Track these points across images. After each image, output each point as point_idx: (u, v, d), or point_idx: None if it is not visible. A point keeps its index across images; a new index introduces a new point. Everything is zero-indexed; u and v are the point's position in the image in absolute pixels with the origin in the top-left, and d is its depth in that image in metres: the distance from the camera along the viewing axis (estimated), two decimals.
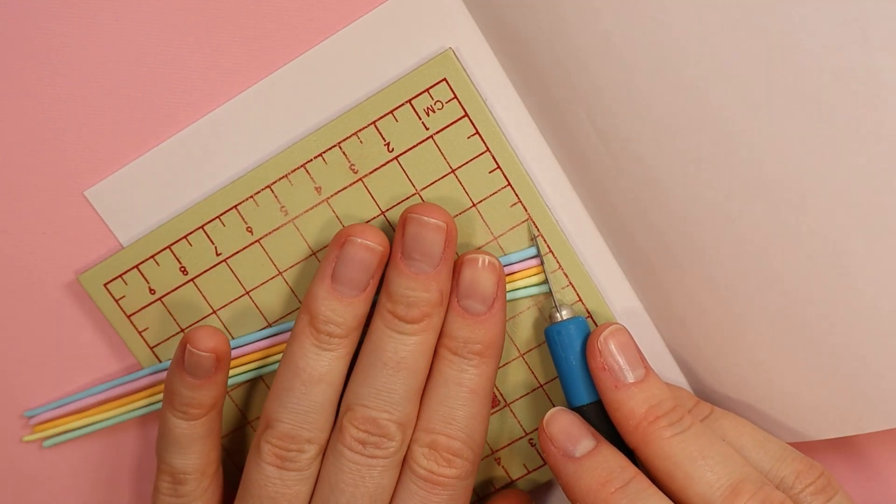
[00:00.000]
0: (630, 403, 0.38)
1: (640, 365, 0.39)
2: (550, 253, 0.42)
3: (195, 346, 0.39)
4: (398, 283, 0.39)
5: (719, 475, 0.37)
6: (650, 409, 0.38)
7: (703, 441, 0.38)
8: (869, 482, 0.45)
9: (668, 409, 0.38)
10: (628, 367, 0.39)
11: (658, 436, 0.38)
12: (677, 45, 0.35)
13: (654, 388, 0.39)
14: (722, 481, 0.37)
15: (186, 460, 0.40)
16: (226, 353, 0.40)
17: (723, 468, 0.37)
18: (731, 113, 0.36)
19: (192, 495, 0.41)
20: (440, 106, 0.40)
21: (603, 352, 0.39)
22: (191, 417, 0.40)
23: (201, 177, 0.42)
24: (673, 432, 0.38)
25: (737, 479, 0.37)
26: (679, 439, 0.38)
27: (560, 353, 0.40)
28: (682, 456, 0.37)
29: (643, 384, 0.38)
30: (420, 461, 0.39)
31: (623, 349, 0.39)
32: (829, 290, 0.37)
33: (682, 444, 0.37)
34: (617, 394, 0.38)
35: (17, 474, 0.46)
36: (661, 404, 0.38)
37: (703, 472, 0.37)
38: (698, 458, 0.37)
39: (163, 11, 0.40)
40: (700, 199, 0.38)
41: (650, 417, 0.38)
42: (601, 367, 0.39)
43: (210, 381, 0.40)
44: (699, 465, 0.37)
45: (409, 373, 0.39)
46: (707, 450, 0.37)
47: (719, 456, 0.37)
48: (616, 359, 0.39)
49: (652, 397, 0.38)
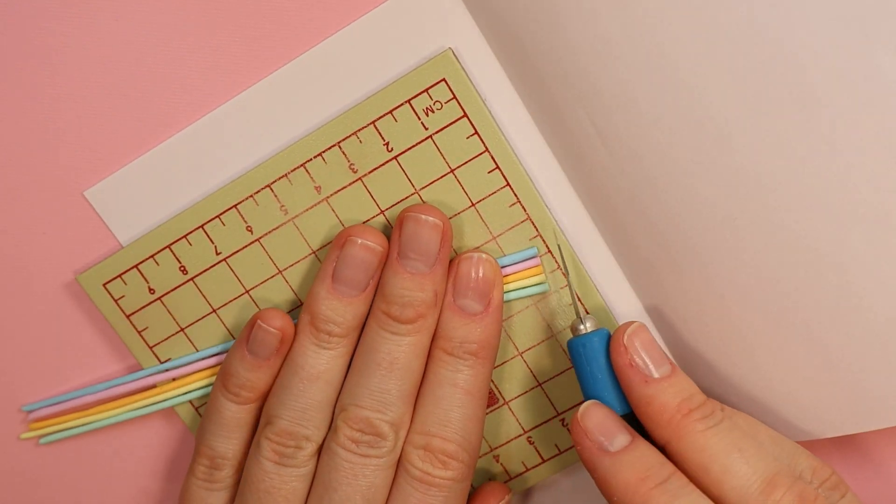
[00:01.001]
0: (662, 397, 0.38)
1: (666, 361, 0.39)
2: (549, 253, 0.42)
3: (265, 321, 0.40)
4: (393, 283, 0.39)
5: (755, 468, 0.36)
6: (682, 403, 0.38)
7: (737, 434, 0.37)
8: (870, 481, 0.45)
9: (699, 402, 0.38)
10: (654, 364, 0.38)
11: (692, 429, 0.37)
12: (677, 45, 0.35)
13: (684, 383, 0.38)
14: (758, 474, 0.36)
15: (228, 445, 0.41)
16: (289, 337, 0.40)
17: (758, 461, 0.37)
18: (731, 113, 0.36)
19: (226, 483, 0.41)
20: (439, 106, 0.40)
21: (629, 348, 0.39)
22: (242, 401, 0.41)
23: (201, 176, 0.42)
24: (707, 425, 0.37)
25: (773, 473, 0.36)
26: (713, 432, 0.37)
27: (585, 365, 0.39)
28: (717, 449, 0.37)
29: (672, 378, 0.38)
30: (415, 462, 0.39)
31: (647, 346, 0.39)
32: (829, 289, 0.37)
33: (717, 438, 0.37)
34: (647, 388, 0.38)
35: (13, 472, 0.46)
36: (693, 398, 0.38)
37: (739, 465, 0.36)
38: (733, 451, 0.37)
39: (163, 11, 0.40)
40: (700, 198, 0.38)
41: (683, 410, 0.37)
42: (628, 363, 0.38)
43: (268, 363, 0.40)
44: (735, 458, 0.37)
45: (403, 373, 0.39)
46: (741, 442, 0.37)
47: (753, 449, 0.37)
48: (642, 355, 0.38)
49: (683, 390, 0.38)
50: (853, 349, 0.38)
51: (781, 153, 0.36)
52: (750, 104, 0.35)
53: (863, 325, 0.38)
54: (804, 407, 0.41)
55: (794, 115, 0.35)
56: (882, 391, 0.39)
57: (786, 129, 0.35)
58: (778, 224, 0.37)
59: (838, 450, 0.45)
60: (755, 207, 0.37)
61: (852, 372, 0.39)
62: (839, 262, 0.37)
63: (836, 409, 0.40)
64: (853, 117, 0.34)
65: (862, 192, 0.35)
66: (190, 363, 0.43)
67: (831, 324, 0.38)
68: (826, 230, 0.36)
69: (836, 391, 0.40)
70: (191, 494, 0.41)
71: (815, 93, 0.34)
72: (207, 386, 0.43)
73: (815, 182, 0.36)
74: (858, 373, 0.39)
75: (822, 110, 0.34)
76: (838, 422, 0.40)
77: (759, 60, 0.34)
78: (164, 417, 0.45)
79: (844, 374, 0.39)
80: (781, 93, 0.35)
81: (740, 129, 0.36)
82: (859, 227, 0.36)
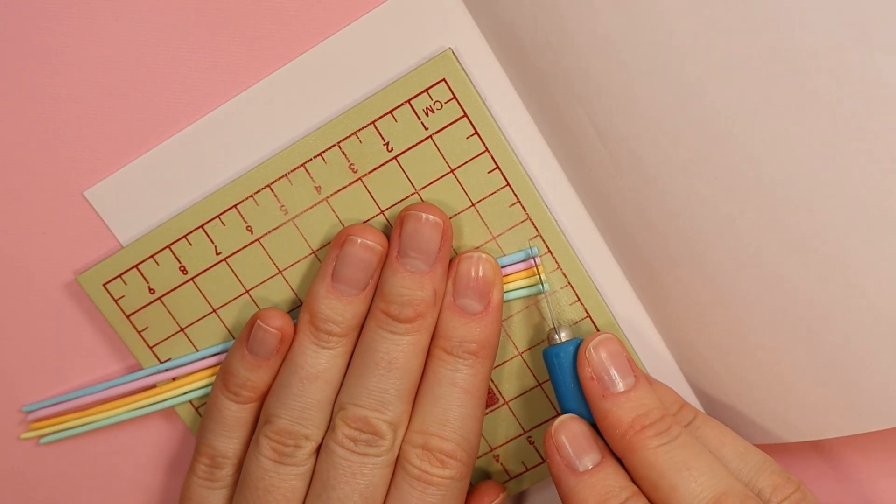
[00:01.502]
0: (617, 412, 0.38)
1: (630, 373, 0.39)
2: (549, 253, 0.42)
3: (265, 321, 0.40)
4: (393, 282, 0.39)
5: (703, 486, 0.36)
6: (637, 419, 0.38)
7: (689, 452, 0.37)
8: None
9: (655, 418, 0.38)
10: (618, 376, 0.39)
11: (644, 445, 0.37)
12: (677, 44, 0.35)
13: (643, 398, 0.38)
14: (706, 493, 0.36)
15: (229, 444, 0.41)
16: (289, 337, 0.40)
17: (707, 479, 0.37)
18: (731, 112, 0.36)
19: (226, 481, 0.41)
20: (439, 106, 0.40)
21: (591, 361, 0.39)
22: (242, 400, 0.41)
23: (201, 176, 0.42)
24: (659, 442, 0.37)
25: (720, 491, 0.36)
26: (665, 449, 0.37)
27: (557, 374, 0.40)
28: (667, 466, 0.37)
29: (631, 393, 0.38)
30: (413, 461, 0.39)
31: (613, 358, 0.39)
32: (829, 289, 0.37)
33: (668, 455, 0.37)
34: (604, 403, 0.38)
35: (13, 472, 0.46)
36: (649, 413, 0.38)
37: (688, 483, 0.36)
38: (683, 468, 0.37)
39: (163, 11, 0.40)
40: (700, 198, 0.38)
41: (636, 427, 0.38)
42: (589, 376, 0.39)
43: (268, 363, 0.40)
44: (683, 476, 0.37)
45: (402, 373, 0.39)
46: (693, 461, 0.37)
47: (704, 467, 0.37)
48: (605, 368, 0.39)
49: (639, 406, 0.38)
50: (854, 349, 0.38)
51: (782, 153, 0.36)
52: (750, 104, 0.35)
53: (863, 325, 0.38)
54: (804, 407, 0.41)
55: (794, 115, 0.35)
56: (882, 391, 0.39)
57: (786, 129, 0.35)
58: (778, 224, 0.37)
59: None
60: (755, 207, 0.37)
61: (852, 372, 0.39)
62: (839, 263, 0.37)
63: (836, 410, 0.40)
64: (853, 117, 0.34)
65: (862, 193, 0.35)
66: (190, 363, 0.43)
67: (831, 324, 0.38)
68: (826, 230, 0.36)
69: (836, 391, 0.40)
70: (192, 493, 0.42)
71: (816, 92, 0.34)
72: (207, 386, 0.43)
73: (816, 182, 0.36)
74: (858, 373, 0.39)
75: (823, 110, 0.34)
76: (838, 422, 0.40)
77: (759, 60, 0.34)
78: (164, 417, 0.45)
79: (844, 374, 0.39)
80: (782, 93, 0.35)
81: (740, 129, 0.36)
82: (859, 227, 0.36)
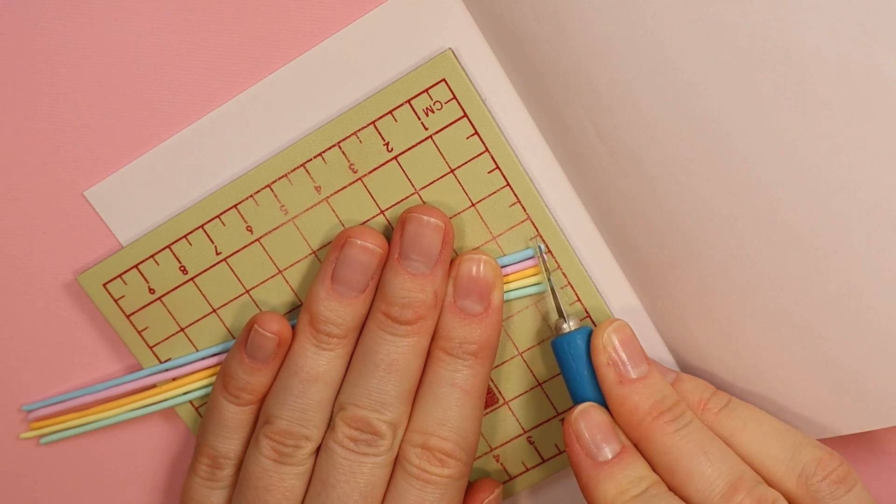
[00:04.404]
0: (634, 398, 0.38)
1: (644, 361, 0.39)
2: (550, 253, 0.42)
3: (262, 326, 0.40)
4: (394, 283, 0.39)
5: (719, 471, 0.37)
6: (654, 405, 0.38)
7: (705, 437, 0.38)
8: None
9: (671, 404, 0.38)
10: (632, 363, 0.39)
11: (661, 430, 0.38)
12: (677, 44, 0.35)
13: (658, 384, 0.39)
14: (722, 477, 0.37)
15: (230, 445, 0.41)
16: (287, 340, 0.40)
17: (722, 464, 0.37)
18: (731, 112, 0.36)
19: (226, 482, 0.41)
20: (439, 106, 0.40)
21: (607, 347, 0.39)
22: (242, 402, 0.41)
23: (201, 176, 0.42)
24: (675, 427, 0.38)
25: (735, 476, 0.37)
26: (681, 434, 0.38)
27: (570, 363, 0.40)
28: (683, 451, 0.37)
29: (647, 380, 0.39)
30: (413, 460, 0.39)
31: (626, 345, 0.39)
32: (830, 289, 0.38)
33: (685, 440, 0.38)
34: (621, 389, 0.38)
35: (13, 472, 0.46)
36: (665, 400, 0.38)
37: (704, 468, 0.37)
38: (699, 453, 0.37)
39: (163, 11, 0.40)
40: (699, 198, 0.38)
41: (654, 413, 0.38)
42: (605, 362, 0.39)
43: (267, 366, 0.40)
44: (700, 461, 0.37)
45: (402, 374, 0.39)
46: (708, 446, 0.38)
47: (719, 452, 0.38)
48: (620, 354, 0.39)
49: (656, 392, 0.38)
50: (853, 349, 0.38)
51: (782, 153, 0.36)
52: (750, 104, 0.35)
53: (863, 324, 0.38)
54: (804, 407, 0.41)
55: (794, 115, 0.35)
56: (882, 391, 0.39)
57: (786, 128, 0.35)
58: (778, 224, 0.37)
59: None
60: (755, 207, 0.37)
61: (852, 372, 0.39)
62: (840, 262, 0.37)
63: (836, 409, 0.40)
64: (854, 116, 0.34)
65: (862, 192, 0.35)
66: (190, 363, 0.43)
67: (832, 323, 0.38)
68: (826, 230, 0.36)
69: (836, 391, 0.40)
70: (192, 493, 0.42)
71: (816, 92, 0.34)
72: (207, 386, 0.43)
73: (816, 182, 0.36)
74: (858, 373, 0.39)
75: (823, 109, 0.34)
76: (838, 422, 0.40)
77: (759, 60, 0.34)
78: (164, 417, 0.45)
79: (844, 374, 0.39)
80: (782, 92, 0.35)
81: (741, 129, 0.36)
82: (860, 227, 0.36)
